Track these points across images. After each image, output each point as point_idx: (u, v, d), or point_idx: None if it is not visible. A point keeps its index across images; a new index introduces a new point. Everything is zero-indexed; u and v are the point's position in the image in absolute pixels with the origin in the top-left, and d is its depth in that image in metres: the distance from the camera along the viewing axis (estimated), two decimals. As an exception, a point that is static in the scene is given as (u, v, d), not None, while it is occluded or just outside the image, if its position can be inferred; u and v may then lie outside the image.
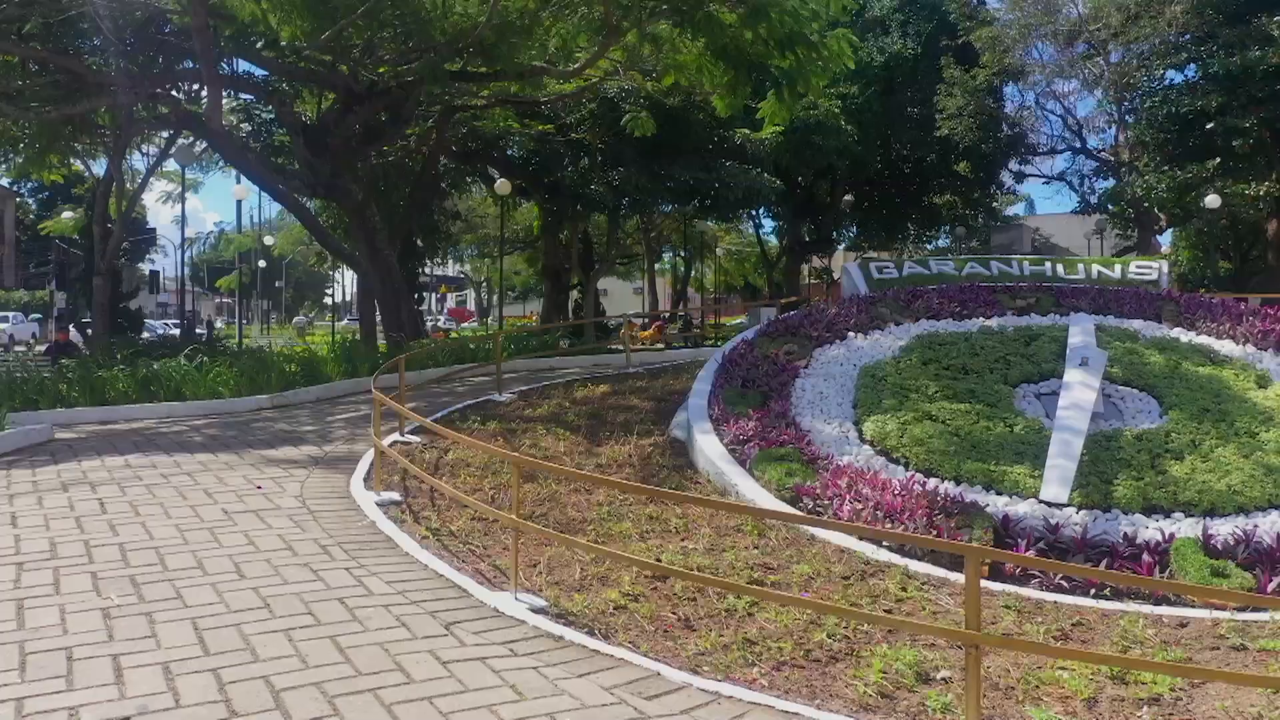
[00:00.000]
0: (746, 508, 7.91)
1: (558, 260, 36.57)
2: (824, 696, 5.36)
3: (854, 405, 10.75)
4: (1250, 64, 29.31)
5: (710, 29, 17.87)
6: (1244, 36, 29.84)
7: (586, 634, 5.96)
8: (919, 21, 39.32)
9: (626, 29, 19.84)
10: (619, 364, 17.66)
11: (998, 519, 8.29)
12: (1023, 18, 36.81)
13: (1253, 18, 30.06)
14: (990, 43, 35.96)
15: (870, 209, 44.30)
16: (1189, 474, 8.83)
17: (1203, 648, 6.41)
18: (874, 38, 39.37)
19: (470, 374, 16.10)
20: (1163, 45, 32.86)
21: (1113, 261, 14.38)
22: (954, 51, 36.59)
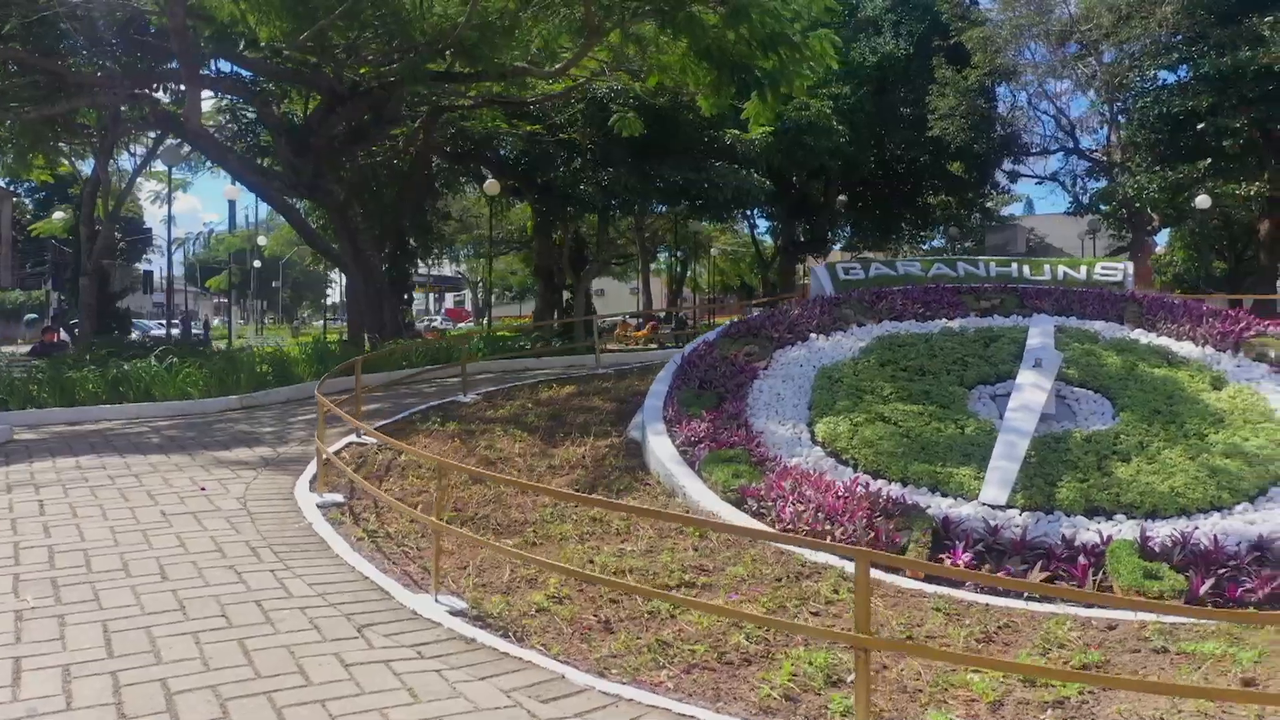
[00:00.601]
0: (653, 511, 7.88)
1: (550, 261, 36.55)
2: (727, 699, 5.36)
3: (809, 407, 10.74)
4: (1241, 64, 29.26)
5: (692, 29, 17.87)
6: (1235, 37, 29.77)
7: (501, 636, 5.97)
8: (911, 22, 39.29)
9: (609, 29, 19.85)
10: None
11: (938, 520, 8.27)
12: (1014, 18, 36.77)
13: (1244, 18, 29.97)
14: (981, 43, 35.94)
15: (864, 209, 44.29)
16: (1134, 476, 8.81)
17: (1125, 650, 6.40)
18: (866, 38, 39.36)
19: (442, 374, 16.10)
20: (1154, 45, 32.82)
21: (1078, 263, 14.35)
22: (946, 52, 36.56)
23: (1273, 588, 7.32)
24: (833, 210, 43.71)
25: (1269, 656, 6.14)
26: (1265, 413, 9.86)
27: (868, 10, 40.21)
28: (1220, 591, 7.32)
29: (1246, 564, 7.58)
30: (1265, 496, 8.75)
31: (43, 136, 21.37)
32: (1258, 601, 7.27)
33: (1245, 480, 8.75)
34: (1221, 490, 8.62)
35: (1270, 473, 8.98)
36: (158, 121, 21.79)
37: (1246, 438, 9.40)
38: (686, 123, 29.80)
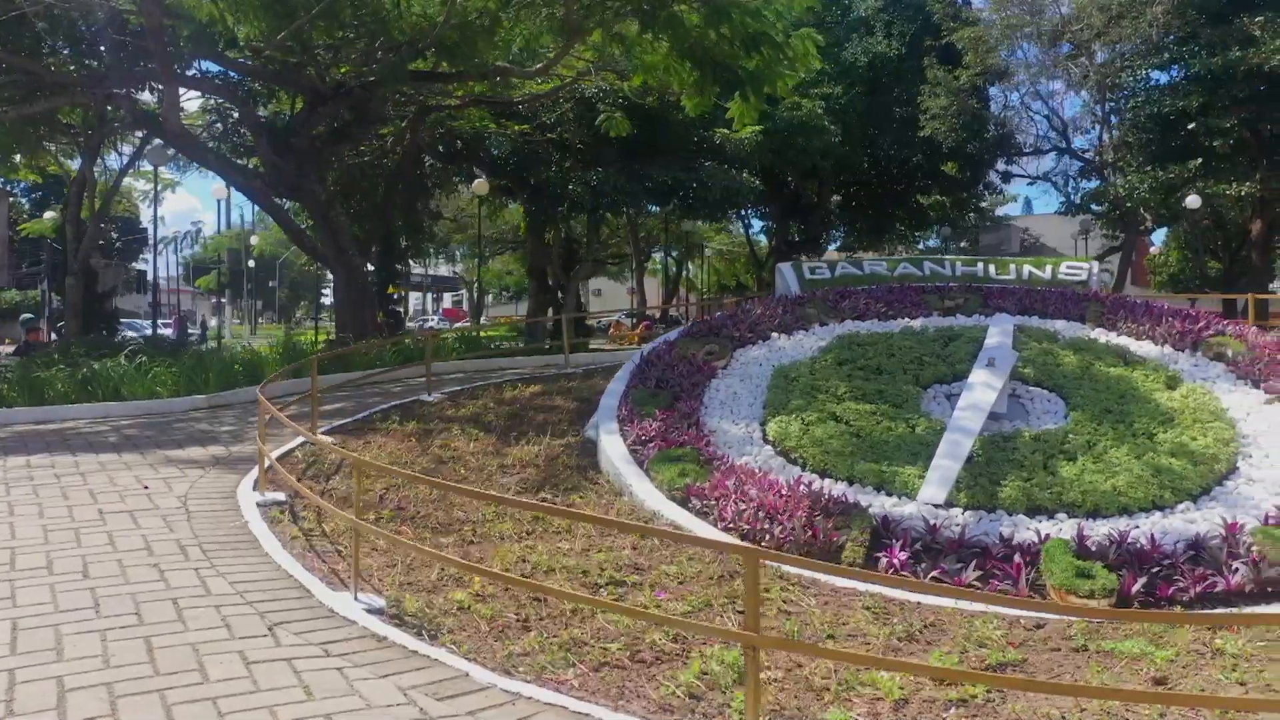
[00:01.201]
0: (572, 513, 7.88)
1: (543, 261, 36.60)
2: (630, 698, 5.36)
3: (764, 406, 10.74)
4: (1231, 64, 29.19)
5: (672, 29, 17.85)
6: (1225, 37, 29.70)
7: (414, 634, 5.97)
8: (903, 22, 39.18)
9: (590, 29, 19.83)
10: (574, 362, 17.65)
11: (878, 519, 8.26)
12: (1006, 18, 36.69)
13: (1235, 18, 29.90)
14: (973, 43, 35.85)
15: (858, 209, 44.20)
16: (1078, 475, 8.80)
17: (1046, 649, 6.39)
18: (858, 38, 39.26)
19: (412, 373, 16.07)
20: (1145, 46, 32.74)
21: (1043, 262, 14.32)
22: (938, 52, 36.47)
23: (1204, 587, 7.32)
24: (826, 210, 43.63)
25: (1185, 655, 6.13)
26: (1216, 412, 9.84)
27: (860, 10, 40.12)
28: (1152, 590, 7.30)
29: (1182, 563, 7.55)
30: (1208, 496, 8.74)
31: (24, 136, 21.38)
32: (1189, 600, 7.26)
33: (1188, 479, 8.73)
34: (1164, 489, 8.60)
35: (1215, 472, 8.97)
36: (136, 121, 21.82)
37: (1194, 437, 9.38)
38: (676, 123, 29.81)
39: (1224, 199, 31.86)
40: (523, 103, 28.46)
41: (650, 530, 7.13)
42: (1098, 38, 34.12)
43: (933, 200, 44.43)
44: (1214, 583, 7.33)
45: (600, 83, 26.82)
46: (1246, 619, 6.52)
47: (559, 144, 29.88)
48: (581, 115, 27.68)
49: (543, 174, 29.47)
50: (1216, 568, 7.49)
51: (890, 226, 45.25)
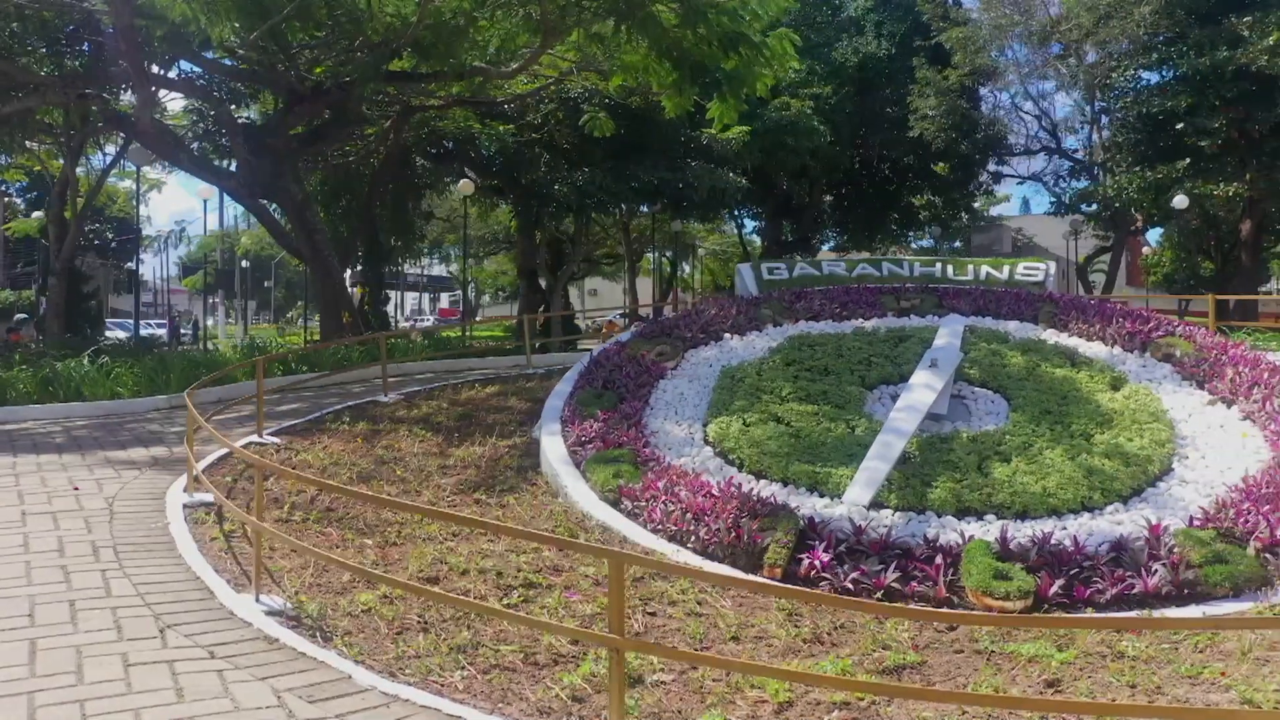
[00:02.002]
0: (446, 514, 7.87)
1: (532, 261, 36.59)
2: (512, 701, 5.36)
3: (709, 407, 10.72)
4: (1219, 64, 29.11)
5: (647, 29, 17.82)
6: (1213, 37, 29.62)
7: (308, 637, 5.97)
8: (893, 22, 39.17)
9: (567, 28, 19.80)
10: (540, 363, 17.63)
11: (805, 521, 8.23)
12: (995, 18, 36.64)
13: (1223, 18, 29.83)
14: (962, 43, 35.81)
15: (850, 209, 44.17)
16: (1010, 476, 8.77)
17: (950, 651, 6.37)
18: (848, 38, 39.24)
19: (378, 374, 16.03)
20: (1133, 46, 32.67)
21: (1001, 263, 14.28)
22: (927, 52, 36.43)
23: (1121, 589, 7.29)
24: (818, 210, 43.62)
25: (1085, 658, 6.10)
26: (1155, 413, 9.81)
27: (850, 10, 40.10)
28: (1070, 592, 7.27)
29: (1103, 565, 7.52)
30: (1139, 497, 8.71)
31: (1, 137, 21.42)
32: (1105, 602, 7.23)
33: (1119, 481, 8.71)
34: (1094, 491, 8.58)
35: (1148, 473, 8.95)
36: (109, 121, 21.85)
37: (1131, 438, 9.36)
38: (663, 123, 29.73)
39: (1213, 199, 31.74)
40: (507, 103, 28.46)
41: (499, 529, 7.08)
42: (1087, 37, 34.06)
43: (924, 200, 44.41)
44: (1131, 584, 7.30)
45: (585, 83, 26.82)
46: (1149, 623, 6.50)
47: (546, 144, 29.87)
48: (567, 116, 27.66)
49: (531, 174, 29.47)
50: (1137, 569, 7.46)
51: (882, 226, 45.22)
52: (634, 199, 34.25)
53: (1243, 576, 7.27)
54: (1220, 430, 9.79)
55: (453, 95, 26.32)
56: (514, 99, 28.40)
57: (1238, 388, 10.24)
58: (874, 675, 5.92)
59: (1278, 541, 7.56)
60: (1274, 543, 7.55)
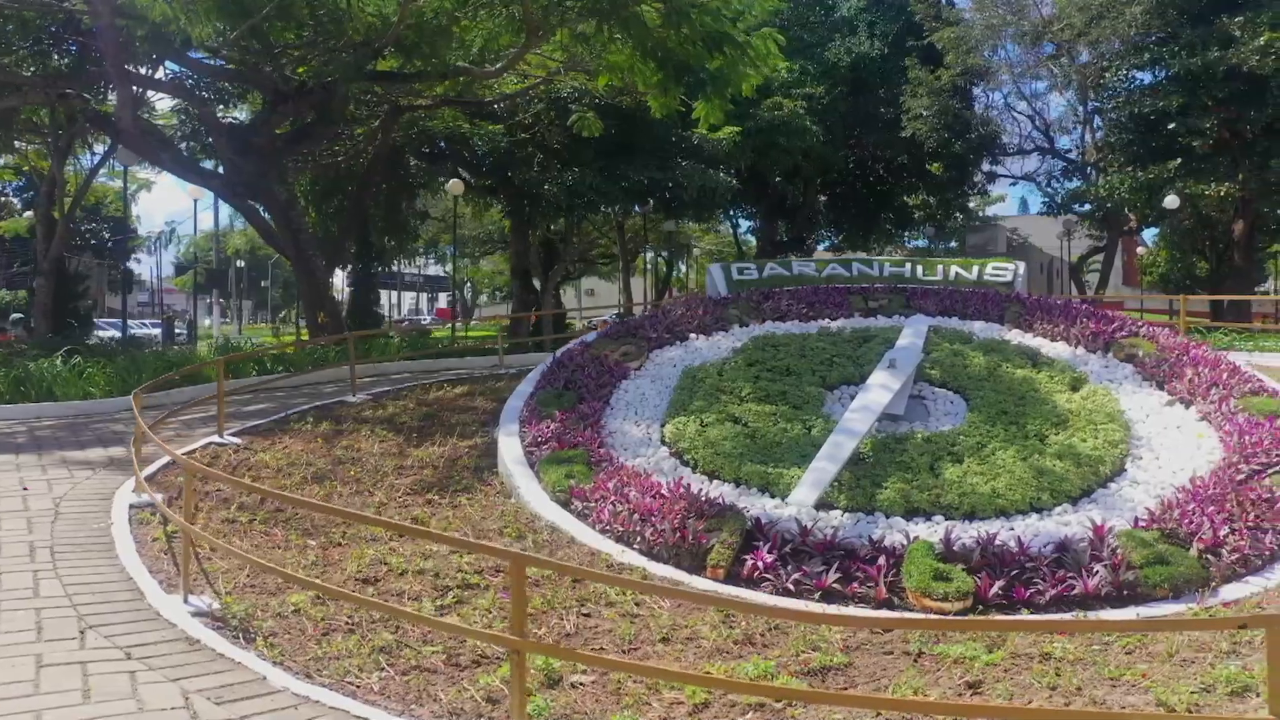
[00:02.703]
0: (389, 523, 7.86)
1: (526, 261, 36.60)
2: (425, 702, 5.35)
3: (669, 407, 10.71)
4: (1210, 64, 29.07)
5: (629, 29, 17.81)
6: (1205, 37, 29.58)
7: (230, 638, 5.97)
8: (885, 22, 39.12)
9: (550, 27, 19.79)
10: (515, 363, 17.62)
11: (752, 522, 8.21)
12: (987, 18, 36.60)
13: (1214, 18, 29.77)
14: (954, 43, 35.76)
15: (844, 209, 44.13)
16: (960, 477, 8.76)
17: (879, 652, 6.36)
18: (841, 38, 39.19)
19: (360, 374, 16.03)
20: (1125, 46, 32.63)
21: (970, 263, 14.26)
22: (920, 52, 36.38)
23: (1061, 589, 7.27)
24: (812, 210, 43.59)
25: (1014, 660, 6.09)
26: (1112, 414, 9.78)
27: (843, 10, 40.05)
28: (1009, 593, 7.25)
29: (1046, 565, 7.50)
30: (1089, 498, 8.70)
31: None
32: (1045, 603, 7.21)
33: (1069, 482, 8.69)
34: (1042, 492, 8.56)
35: (1099, 474, 8.93)
36: (90, 121, 21.86)
37: (1085, 439, 9.34)
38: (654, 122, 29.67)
39: (1205, 199, 31.67)
40: (496, 103, 28.47)
41: (410, 530, 7.08)
42: (1079, 37, 34.01)
43: (919, 200, 44.36)
44: (1072, 585, 7.27)
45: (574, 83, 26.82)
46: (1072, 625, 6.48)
47: (537, 144, 29.88)
48: (557, 116, 27.68)
49: (523, 174, 29.47)
50: (1080, 571, 7.43)
51: (877, 226, 45.18)
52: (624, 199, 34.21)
53: (1182, 578, 7.24)
54: (1177, 431, 9.76)
55: (441, 95, 26.33)
56: (502, 99, 28.41)
57: (1196, 388, 10.21)
58: (799, 677, 5.90)
59: (1220, 542, 7.53)
60: (1217, 544, 7.53)
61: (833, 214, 45.00)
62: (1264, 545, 7.56)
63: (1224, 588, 7.33)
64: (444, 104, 27.77)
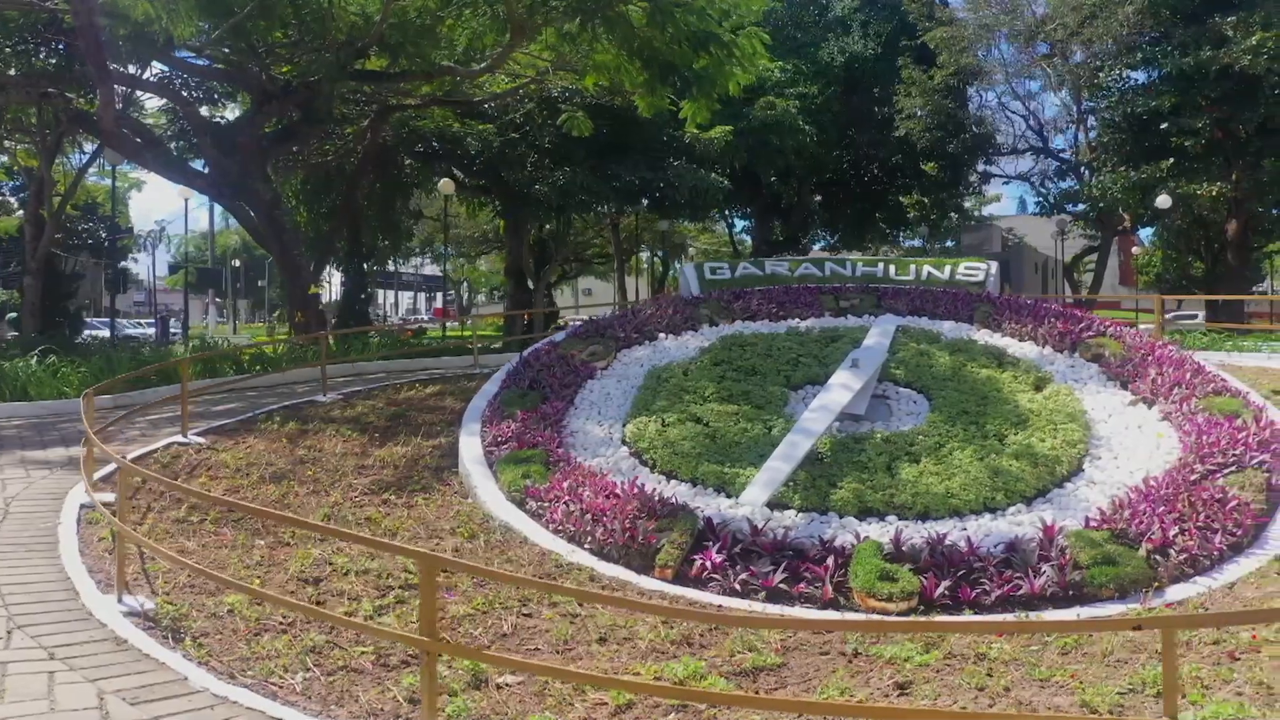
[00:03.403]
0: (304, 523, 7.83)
1: (519, 261, 36.57)
2: (347, 703, 5.33)
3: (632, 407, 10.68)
4: (1203, 64, 29.00)
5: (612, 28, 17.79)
6: (1197, 36, 29.51)
7: (159, 638, 5.95)
8: (879, 21, 39.04)
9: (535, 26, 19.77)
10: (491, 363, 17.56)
11: (703, 522, 8.18)
12: (981, 18, 36.52)
13: (1208, 18, 29.71)
14: (946, 43, 35.67)
15: (838, 209, 44.05)
16: (916, 477, 8.73)
17: (815, 653, 6.33)
18: (835, 37, 39.12)
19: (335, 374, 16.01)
20: (1118, 45, 32.56)
21: (943, 263, 14.21)
22: (914, 52, 36.29)
23: (1008, 590, 7.24)
24: (807, 210, 43.53)
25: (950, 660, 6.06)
26: (1073, 414, 9.75)
27: (837, 10, 39.97)
28: (955, 593, 7.22)
29: (994, 565, 7.47)
30: (1044, 498, 8.67)
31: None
32: (991, 603, 7.18)
33: (1024, 482, 8.66)
34: (997, 492, 8.53)
35: (1056, 474, 8.90)
36: (72, 120, 21.87)
37: (1043, 439, 9.30)
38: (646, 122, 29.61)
39: (1198, 199, 31.59)
40: (486, 102, 28.44)
41: (330, 531, 7.06)
42: (1072, 37, 33.94)
43: (914, 200, 44.27)
44: (1018, 586, 7.24)
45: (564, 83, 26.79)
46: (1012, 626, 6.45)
47: (529, 144, 29.86)
48: (548, 115, 27.66)
49: (517, 174, 29.46)
50: (1027, 570, 7.40)
51: (871, 226, 45.11)
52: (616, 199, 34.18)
53: (1129, 578, 7.21)
54: (1138, 431, 9.72)
55: (430, 95, 26.32)
56: (492, 98, 28.39)
57: (1159, 388, 10.18)
58: (730, 677, 5.88)
59: (1169, 543, 7.50)
60: (1165, 544, 7.50)
61: (827, 214, 44.92)
62: (1213, 545, 7.51)
63: (1171, 588, 7.29)
64: (433, 103, 27.75)
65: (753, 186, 38.46)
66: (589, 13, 17.99)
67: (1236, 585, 7.25)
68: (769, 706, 5.20)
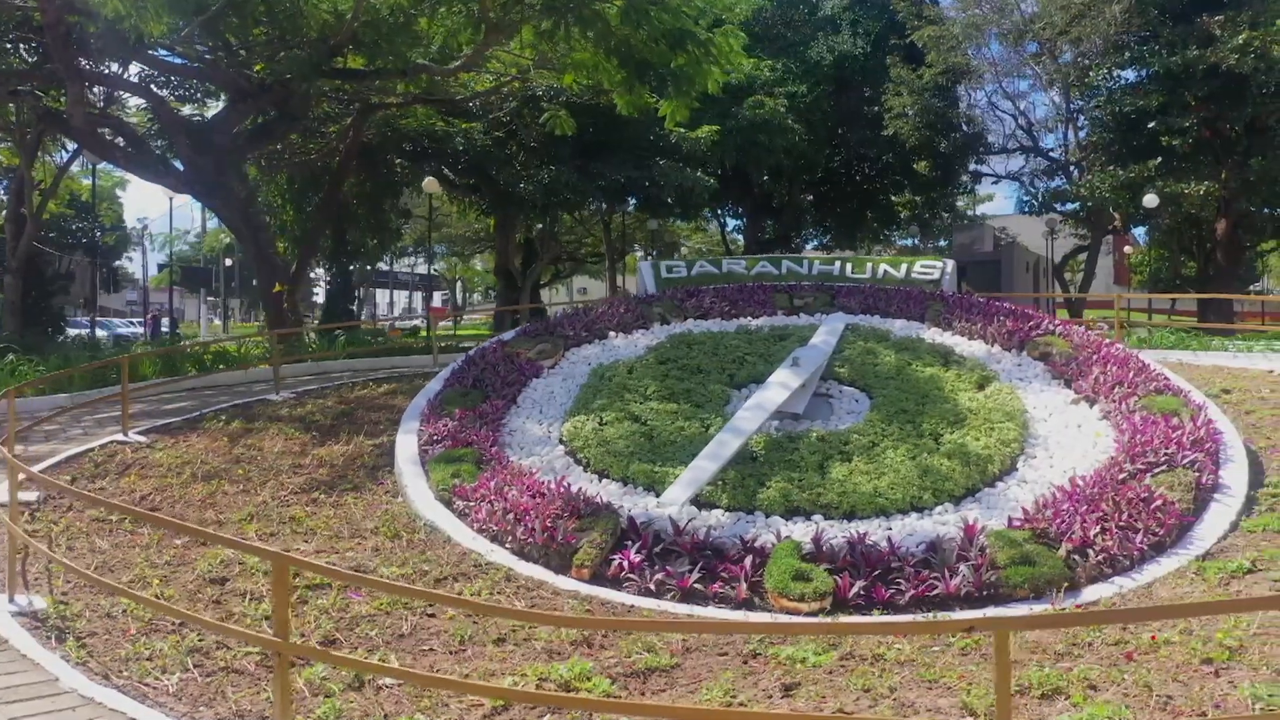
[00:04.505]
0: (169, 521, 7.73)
1: (509, 260, 36.54)
2: (216, 704, 5.26)
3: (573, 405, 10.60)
4: (1190, 63, 28.86)
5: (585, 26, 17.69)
6: (1185, 35, 29.38)
7: (43, 638, 5.89)
8: (868, 20, 38.91)
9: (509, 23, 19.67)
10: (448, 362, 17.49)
11: (626, 521, 8.10)
12: (969, 16, 36.38)
13: (1195, 17, 29.57)
14: (934, 41, 35.53)
15: (830, 208, 43.94)
16: (846, 476, 8.64)
17: (714, 653, 6.24)
18: (824, 36, 39.00)
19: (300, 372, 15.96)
20: (1106, 44, 32.43)
21: (899, 261, 14.12)
22: (903, 50, 36.17)
23: (923, 589, 7.15)
24: (798, 209, 43.42)
25: (848, 661, 5.98)
26: (1011, 413, 9.65)
27: (826, 9, 39.85)
28: (870, 592, 7.14)
29: (913, 565, 7.38)
30: (973, 497, 8.58)
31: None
32: (905, 603, 7.10)
33: (953, 481, 8.57)
34: (924, 491, 8.44)
35: (987, 473, 8.81)
36: (41, 118, 21.82)
37: (977, 438, 9.21)
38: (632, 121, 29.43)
39: (1186, 198, 31.43)
40: (468, 101, 28.37)
41: (191, 530, 7.01)
42: (1060, 36, 33.80)
43: (905, 199, 44.16)
44: (934, 585, 7.15)
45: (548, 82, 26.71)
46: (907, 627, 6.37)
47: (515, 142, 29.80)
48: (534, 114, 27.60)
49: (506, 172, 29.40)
50: (944, 570, 7.31)
51: (862, 225, 44.98)
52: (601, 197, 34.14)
53: (1044, 578, 7.12)
54: (1076, 430, 9.63)
55: (412, 93, 26.25)
56: (474, 97, 28.33)
57: (1101, 387, 10.07)
58: (620, 678, 5.80)
59: (1089, 542, 7.40)
60: (1086, 543, 7.40)
61: (819, 213, 44.82)
62: (1134, 545, 7.42)
63: (1089, 588, 7.20)
64: (415, 102, 27.69)
65: (743, 186, 38.38)
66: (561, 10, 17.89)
67: (1154, 585, 7.16)
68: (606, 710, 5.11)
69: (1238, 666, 5.51)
